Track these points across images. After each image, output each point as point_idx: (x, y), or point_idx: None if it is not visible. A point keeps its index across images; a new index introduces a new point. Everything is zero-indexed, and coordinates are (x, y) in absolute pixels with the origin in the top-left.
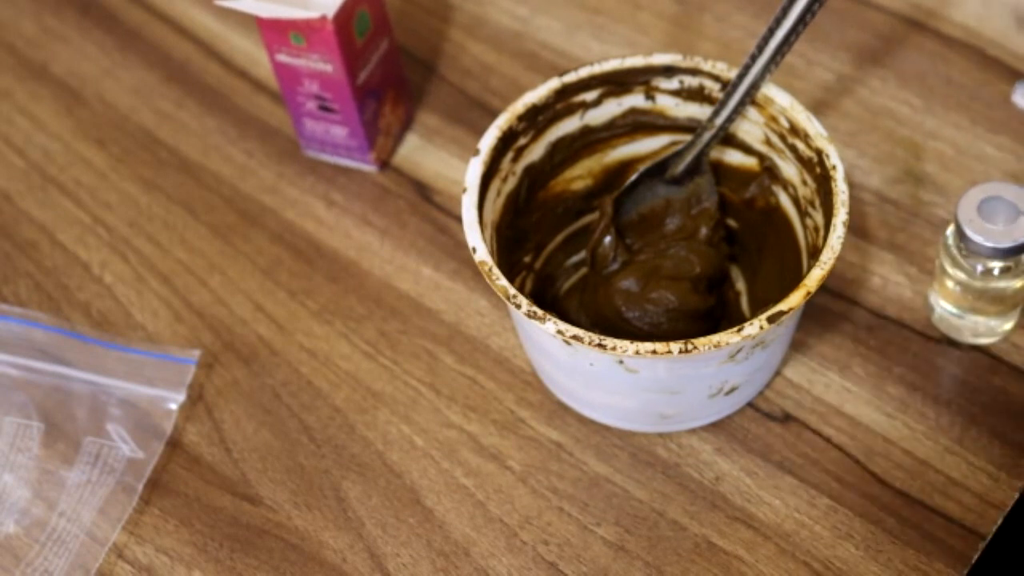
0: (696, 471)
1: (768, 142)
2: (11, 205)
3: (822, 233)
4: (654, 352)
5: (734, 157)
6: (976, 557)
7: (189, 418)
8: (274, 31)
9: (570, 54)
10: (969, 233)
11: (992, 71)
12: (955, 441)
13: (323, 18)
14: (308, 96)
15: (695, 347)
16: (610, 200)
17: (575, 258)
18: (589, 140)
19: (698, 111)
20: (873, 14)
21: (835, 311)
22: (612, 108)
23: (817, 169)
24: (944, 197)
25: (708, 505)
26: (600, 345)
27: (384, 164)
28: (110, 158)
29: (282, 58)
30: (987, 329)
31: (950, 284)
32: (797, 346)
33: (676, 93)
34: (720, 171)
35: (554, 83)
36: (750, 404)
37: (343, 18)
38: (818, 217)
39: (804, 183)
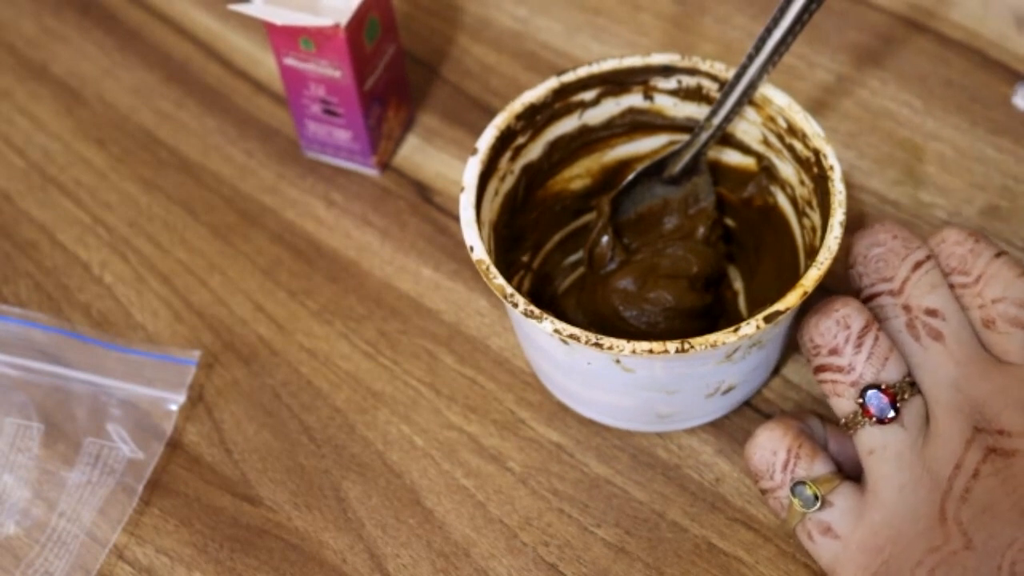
0: (696, 472)
1: (766, 142)
2: (11, 205)
3: (819, 233)
4: (651, 351)
5: (732, 157)
6: None
7: (189, 418)
8: (283, 36)
9: (570, 55)
10: None
11: (992, 72)
12: None
13: (336, 26)
14: (313, 99)
15: (692, 346)
16: (607, 200)
17: (573, 257)
18: (587, 139)
19: (696, 111)
20: (873, 15)
21: None
22: (610, 108)
23: (815, 169)
24: (944, 198)
25: (708, 507)
26: (597, 344)
27: (385, 166)
28: (110, 158)
29: (290, 62)
30: None
31: None
32: (796, 346)
33: (674, 93)
34: (718, 171)
35: (552, 83)
36: (750, 405)
37: (355, 25)
38: (815, 217)
39: (802, 183)
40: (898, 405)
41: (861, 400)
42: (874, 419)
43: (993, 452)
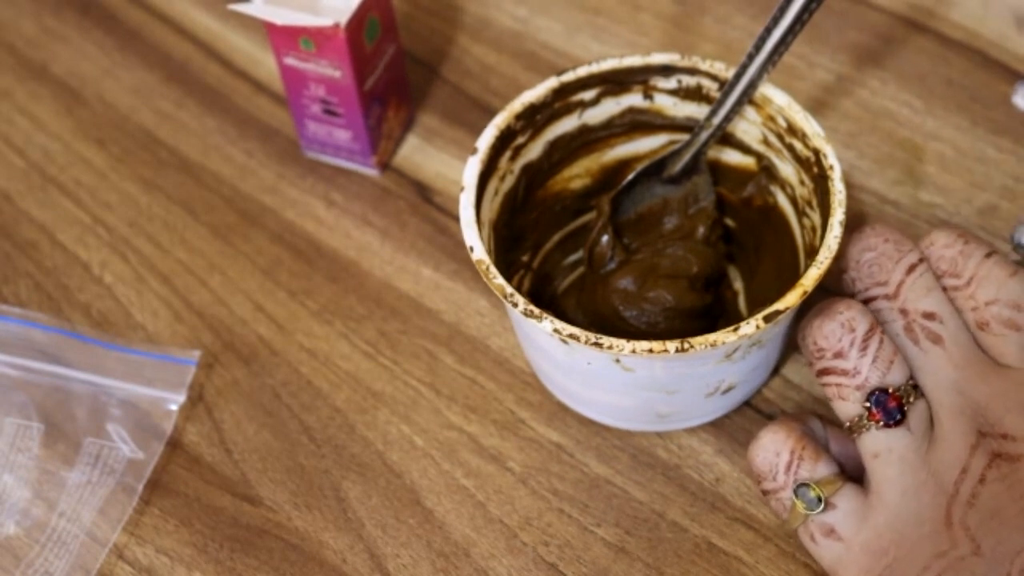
0: (696, 472)
1: (766, 141)
2: (11, 205)
3: (819, 233)
4: (650, 351)
5: (732, 156)
6: None
7: (189, 418)
8: (284, 36)
9: (570, 55)
10: None
11: (993, 72)
12: None
13: (336, 26)
14: (313, 99)
15: (691, 346)
16: (607, 199)
17: (573, 257)
18: (587, 139)
19: (696, 110)
20: (873, 15)
21: None
22: (610, 107)
23: (814, 169)
24: (944, 198)
25: (708, 506)
26: (596, 344)
27: (385, 166)
28: (110, 158)
29: (290, 62)
30: None
31: None
32: (796, 345)
33: (674, 92)
34: (718, 170)
35: (552, 82)
36: (750, 405)
37: (354, 25)
38: (815, 217)
39: (802, 183)
40: (904, 409)
41: (867, 404)
42: (880, 423)
43: (998, 457)
